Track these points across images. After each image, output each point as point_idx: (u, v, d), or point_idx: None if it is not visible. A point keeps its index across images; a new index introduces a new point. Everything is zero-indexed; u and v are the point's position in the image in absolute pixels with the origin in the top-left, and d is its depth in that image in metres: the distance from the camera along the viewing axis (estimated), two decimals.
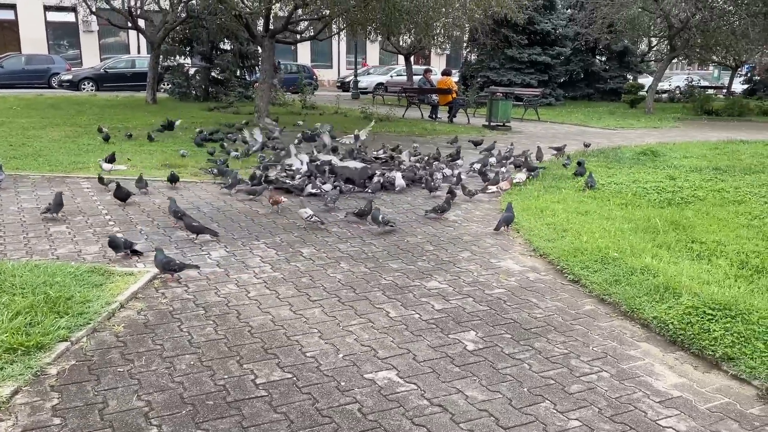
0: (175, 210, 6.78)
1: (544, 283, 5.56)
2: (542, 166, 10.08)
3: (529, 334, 4.51)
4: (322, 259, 6.00)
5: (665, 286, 4.98)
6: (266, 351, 4.10)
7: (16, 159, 10.08)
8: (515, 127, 17.80)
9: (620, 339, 4.48)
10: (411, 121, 18.73)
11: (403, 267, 5.86)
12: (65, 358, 3.82)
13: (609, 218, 7.19)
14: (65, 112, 17.19)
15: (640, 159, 11.68)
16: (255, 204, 7.96)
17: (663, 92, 33.73)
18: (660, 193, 8.52)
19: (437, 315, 4.80)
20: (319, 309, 4.83)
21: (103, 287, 4.85)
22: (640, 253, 5.87)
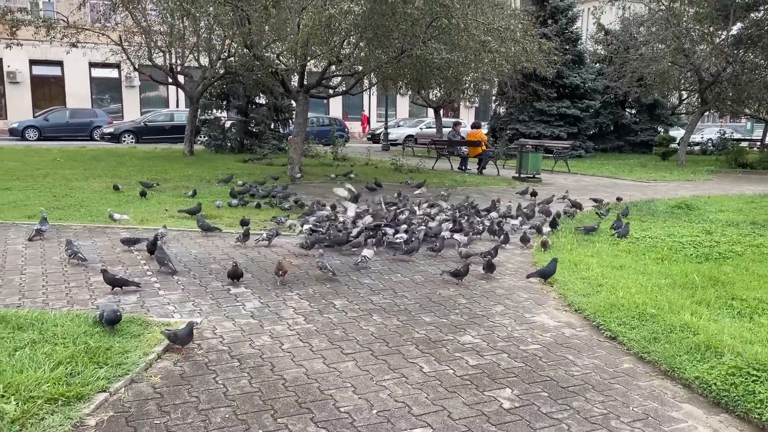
0: (71, 252, 7.24)
1: (581, 340, 5.46)
2: (592, 225, 9.76)
3: (567, 393, 4.42)
4: (354, 311, 6.01)
5: (706, 345, 4.85)
6: (300, 405, 4.09)
7: (60, 209, 10.41)
8: (545, 179, 17.79)
9: (661, 399, 4.36)
10: (441, 173, 18.87)
11: (435, 320, 5.83)
12: (104, 409, 3.86)
13: (645, 273, 7.09)
14: (106, 163, 17.78)
15: (675, 212, 11.54)
16: (289, 255, 8.05)
17: (695, 144, 33.52)
18: (696, 247, 8.38)
19: (472, 371, 4.74)
20: (353, 362, 4.82)
21: (141, 338, 4.92)
22: (679, 309, 5.75)
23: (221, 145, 23.62)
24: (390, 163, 20.44)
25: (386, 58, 14.77)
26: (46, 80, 35.68)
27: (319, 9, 12.18)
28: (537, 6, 27.23)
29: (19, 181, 13.62)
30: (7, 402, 3.59)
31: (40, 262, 7.25)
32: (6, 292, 6.12)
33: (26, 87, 35.01)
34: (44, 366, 4.08)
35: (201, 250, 8.16)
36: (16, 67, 34.00)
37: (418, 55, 14.39)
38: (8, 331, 4.71)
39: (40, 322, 4.94)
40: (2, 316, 4.97)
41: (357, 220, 9.41)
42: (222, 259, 7.70)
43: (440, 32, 14.26)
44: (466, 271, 7.00)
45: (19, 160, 18.08)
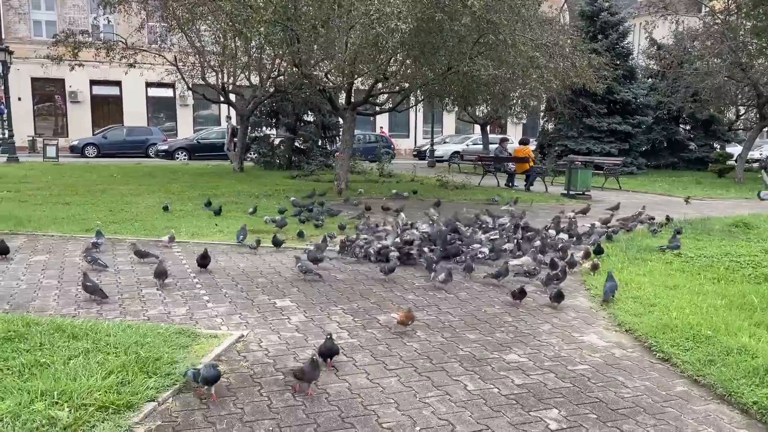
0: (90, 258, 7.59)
1: (631, 361, 5.30)
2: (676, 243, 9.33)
3: (617, 415, 4.28)
4: (398, 327, 5.99)
5: (766, 369, 4.64)
6: (343, 420, 4.09)
7: (115, 224, 10.77)
8: (595, 197, 17.43)
9: (717, 425, 4.18)
10: (487, 189, 18.73)
11: (480, 338, 5.75)
12: (152, 418, 3.95)
13: (700, 293, 6.84)
14: (160, 179, 18.34)
15: (732, 231, 11.11)
16: (333, 270, 8.10)
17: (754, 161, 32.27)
18: (756, 267, 8.04)
19: (517, 390, 4.65)
20: (396, 378, 4.80)
21: (189, 349, 5.02)
22: (736, 331, 5.52)
23: (270, 161, 24.07)
24: (435, 179, 20.41)
25: (432, 74, 14.81)
26: (105, 99, 37.19)
27: (366, 28, 12.33)
28: (587, 21, 26.91)
29: (78, 196, 14.17)
30: (60, 409, 3.70)
31: (95, 274, 7.49)
32: (63, 302, 6.35)
33: (86, 106, 36.55)
34: (96, 375, 4.21)
35: (248, 263, 8.29)
36: (78, 87, 35.57)
37: (464, 72, 14.38)
38: (63, 340, 4.88)
39: (94, 331, 5.10)
40: (59, 326, 5.16)
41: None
42: (269, 273, 7.81)
43: (487, 48, 14.23)
44: (523, 293, 6.75)
45: (79, 176, 18.82)
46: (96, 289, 6.41)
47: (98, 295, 6.39)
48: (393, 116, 41.21)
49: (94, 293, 6.40)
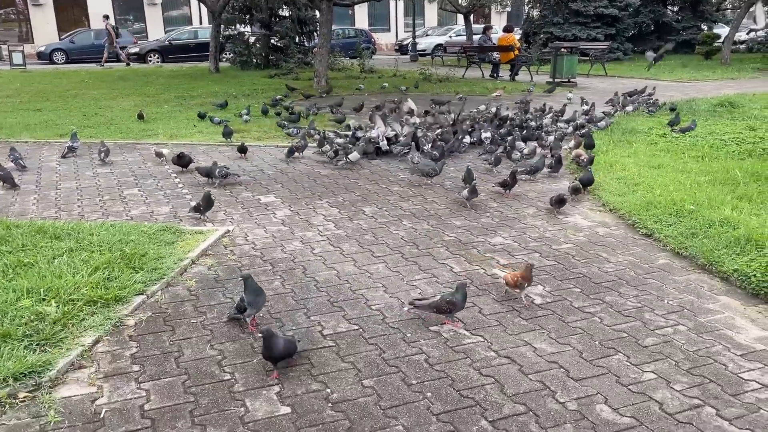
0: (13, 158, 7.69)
1: (615, 238, 5.37)
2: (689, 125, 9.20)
3: (600, 288, 4.37)
4: (384, 217, 5.99)
5: (747, 238, 4.71)
6: (332, 304, 4.14)
7: (90, 128, 10.48)
8: (581, 83, 17.15)
9: (697, 293, 4.29)
10: (472, 81, 18.33)
11: (466, 224, 5.77)
12: (142, 310, 3.97)
13: (684, 171, 6.85)
14: (133, 83, 17.71)
15: (717, 111, 11.04)
16: (317, 165, 8.00)
17: (740, 42, 31.64)
18: (739, 144, 8.04)
19: (503, 270, 4.72)
20: (383, 264, 4.83)
21: (175, 245, 5.00)
22: (719, 205, 5.58)
23: (246, 61, 23.23)
24: (419, 73, 19.90)
25: None
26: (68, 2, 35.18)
27: None
28: None
29: (49, 102, 13.70)
30: (48, 305, 3.70)
31: (74, 177, 7.35)
32: (43, 206, 6.24)
33: (49, 9, 34.58)
34: (82, 271, 4.19)
35: (230, 163, 8.15)
36: None
37: None
38: (46, 240, 4.83)
39: (77, 232, 5.04)
40: (40, 228, 5.09)
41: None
42: (252, 171, 7.70)
43: None
44: (514, 181, 6.59)
45: (49, 82, 18.12)
46: (7, 178, 6.79)
47: (9, 183, 6.79)
48: (372, 9, 39.60)
49: (5, 181, 6.79)
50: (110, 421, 2.88)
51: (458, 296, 3.82)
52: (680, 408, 3.02)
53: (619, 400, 3.08)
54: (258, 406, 3.03)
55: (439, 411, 3.00)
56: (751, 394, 3.12)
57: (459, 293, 3.83)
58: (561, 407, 3.03)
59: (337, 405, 3.04)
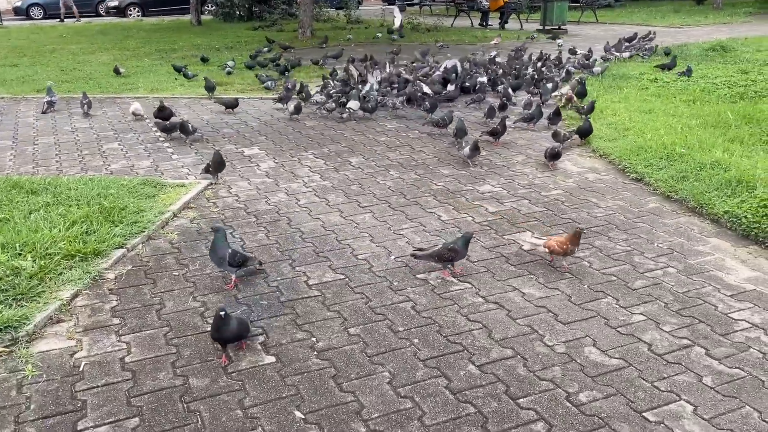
0: None
1: (605, 183, 5.29)
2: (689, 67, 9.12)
3: (589, 233, 4.31)
4: (371, 167, 5.87)
5: (738, 180, 4.65)
6: (318, 254, 4.07)
7: (68, 83, 10.17)
8: (571, 31, 16.80)
9: (687, 235, 4.24)
10: (460, 30, 17.93)
11: (454, 172, 5.67)
12: (122, 264, 3.88)
13: (675, 115, 6.74)
14: (113, 37, 17.19)
15: (709, 55, 10.86)
16: (302, 117, 7.82)
17: None
18: (731, 87, 7.91)
19: (491, 217, 4.64)
20: (370, 214, 4.74)
21: (156, 198, 4.87)
22: (710, 148, 5.49)
23: (229, 13, 22.56)
24: (407, 22, 19.41)
25: None
26: None
27: None
28: None
29: (26, 57, 13.27)
30: (24, 259, 3.60)
31: (52, 132, 7.15)
32: (20, 161, 6.07)
33: None
34: (59, 226, 4.07)
35: (213, 116, 7.96)
36: None
37: None
38: (22, 195, 4.69)
39: (54, 186, 4.90)
40: (16, 183, 4.95)
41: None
42: (235, 124, 7.52)
43: None
44: (504, 129, 6.47)
45: (26, 38, 17.55)
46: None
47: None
48: None
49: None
50: (90, 374, 2.81)
51: (459, 243, 3.69)
52: (669, 348, 2.99)
53: (608, 343, 3.05)
54: (242, 355, 2.97)
55: (426, 357, 2.96)
56: (741, 333, 3.10)
57: (461, 240, 3.70)
58: (549, 350, 2.99)
59: (323, 353, 2.99)
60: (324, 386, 2.75)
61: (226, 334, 2.90)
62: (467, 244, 3.71)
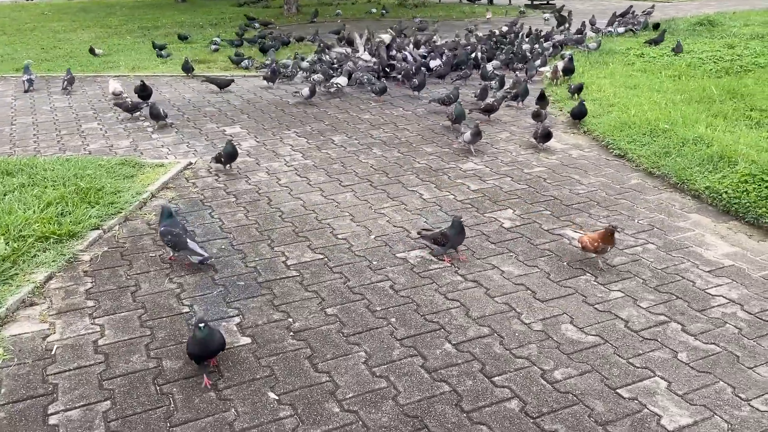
0: None
1: (588, 160, 5.26)
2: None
3: (570, 210, 4.30)
4: (353, 145, 5.81)
5: (720, 155, 4.63)
6: (297, 234, 4.03)
7: (48, 61, 10.00)
8: (560, 3, 16.65)
9: (668, 211, 4.23)
10: (448, 5, 17.74)
11: (437, 150, 5.63)
12: (98, 246, 3.83)
13: (660, 91, 6.71)
14: (95, 14, 16.91)
15: (696, 30, 10.79)
16: (286, 96, 7.72)
17: None
18: (717, 62, 7.87)
19: (473, 195, 4.61)
20: (351, 193, 4.70)
21: (135, 178, 4.81)
22: (693, 123, 5.47)
23: None
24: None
25: None
26: None
27: None
28: None
29: (6, 36, 13.04)
30: None
31: (31, 112, 7.02)
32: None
33: None
34: (33, 207, 4.01)
35: (195, 94, 7.85)
36: None
37: None
38: None
39: (30, 167, 4.82)
40: None
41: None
42: (217, 102, 7.42)
43: None
44: (499, 104, 6.45)
45: (6, 15, 17.24)
46: None
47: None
48: None
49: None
50: (62, 357, 2.78)
51: (452, 230, 3.61)
52: (646, 325, 2.99)
53: (585, 320, 3.04)
54: None
55: (403, 336, 2.94)
56: (718, 309, 3.10)
57: (453, 227, 3.62)
58: (526, 328, 2.99)
59: (299, 334, 2.97)
60: (299, 367, 2.73)
61: (210, 347, 2.61)
62: (458, 230, 3.61)
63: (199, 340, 2.58)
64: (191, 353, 2.63)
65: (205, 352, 2.62)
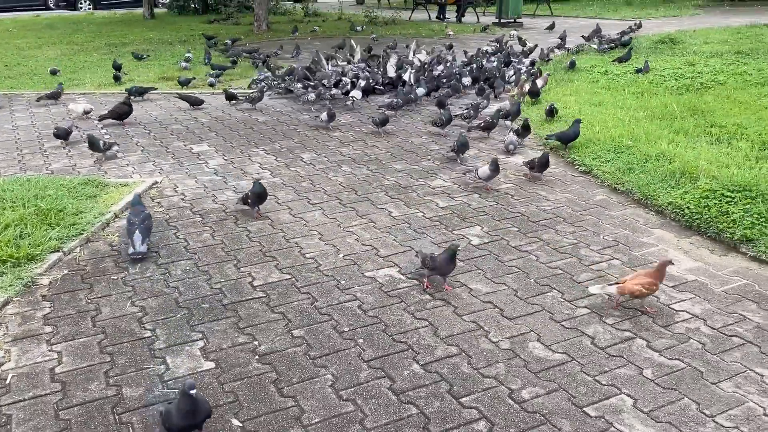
0: None
1: (554, 176, 5.32)
2: None
3: (537, 227, 4.33)
4: (323, 163, 5.79)
5: (681, 171, 4.72)
6: (264, 254, 3.98)
7: (11, 78, 9.80)
8: (527, 24, 16.95)
9: (633, 227, 4.29)
10: (418, 24, 17.90)
11: (406, 167, 5.64)
12: (57, 269, 3.73)
13: (623, 107, 6.83)
14: (62, 31, 16.64)
15: (658, 48, 11.05)
16: (254, 112, 7.68)
17: None
18: (678, 79, 8.06)
19: (441, 212, 4.62)
20: (320, 212, 4.67)
21: (97, 198, 4.71)
22: (656, 140, 5.57)
23: (184, 6, 22.09)
24: (364, 16, 19.31)
25: None
26: None
27: None
28: None
29: None
30: None
31: None
32: None
33: None
34: None
35: (162, 111, 7.76)
36: None
37: None
38: None
39: None
40: None
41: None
42: (185, 120, 7.34)
43: None
44: (494, 125, 6.35)
45: None
46: None
47: None
48: None
49: None
50: (17, 387, 2.68)
51: (442, 255, 3.46)
52: (611, 341, 3.01)
53: (552, 337, 3.05)
54: (180, 362, 2.88)
55: (370, 357, 2.91)
56: (682, 324, 3.14)
57: (445, 253, 3.47)
58: (494, 347, 2.98)
59: (265, 357, 2.92)
60: (264, 392, 2.68)
61: (197, 419, 2.27)
62: (449, 259, 3.45)
63: (185, 411, 2.22)
64: (173, 426, 2.24)
65: (191, 425, 2.28)
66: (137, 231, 3.83)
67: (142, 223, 3.89)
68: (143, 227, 3.89)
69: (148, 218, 3.99)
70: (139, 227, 3.86)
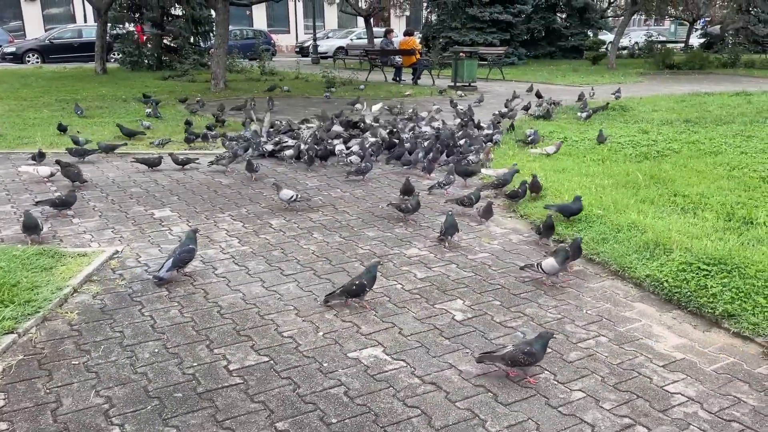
0: None
1: (529, 245, 5.30)
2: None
3: (519, 300, 4.25)
4: (293, 230, 5.63)
5: (655, 243, 4.77)
6: (239, 333, 3.75)
7: None
8: (481, 87, 17.45)
9: (614, 300, 4.26)
10: (375, 85, 18.20)
11: (380, 235, 5.53)
12: (12, 353, 3.40)
13: (588, 175, 6.97)
14: (9, 86, 16.17)
15: (610, 114, 11.50)
16: (217, 175, 7.50)
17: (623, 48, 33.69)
18: (635, 147, 8.34)
19: (420, 284, 4.50)
20: (294, 284, 4.49)
21: (54, 271, 4.40)
22: (624, 209, 5.66)
23: (137, 61, 21.93)
24: (321, 76, 19.54)
25: None
26: None
27: None
28: None
29: None
30: None
31: None
32: None
33: None
34: None
35: (119, 173, 7.49)
36: None
37: None
38: None
39: None
40: None
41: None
42: (144, 182, 7.09)
43: None
44: (477, 199, 6.00)
45: None
46: None
47: None
48: (271, 10, 38.81)
49: None
50: None
51: (537, 345, 3.24)
52: (612, 429, 2.90)
53: (551, 425, 2.92)
54: None
55: None
56: (679, 408, 3.07)
57: (539, 342, 3.25)
58: None
59: None
60: None
61: None
62: (545, 347, 3.25)
63: None
64: None
65: None
66: (170, 258, 4.30)
67: (179, 254, 4.32)
68: (177, 257, 4.31)
69: (188, 252, 4.41)
70: (173, 256, 4.31)
